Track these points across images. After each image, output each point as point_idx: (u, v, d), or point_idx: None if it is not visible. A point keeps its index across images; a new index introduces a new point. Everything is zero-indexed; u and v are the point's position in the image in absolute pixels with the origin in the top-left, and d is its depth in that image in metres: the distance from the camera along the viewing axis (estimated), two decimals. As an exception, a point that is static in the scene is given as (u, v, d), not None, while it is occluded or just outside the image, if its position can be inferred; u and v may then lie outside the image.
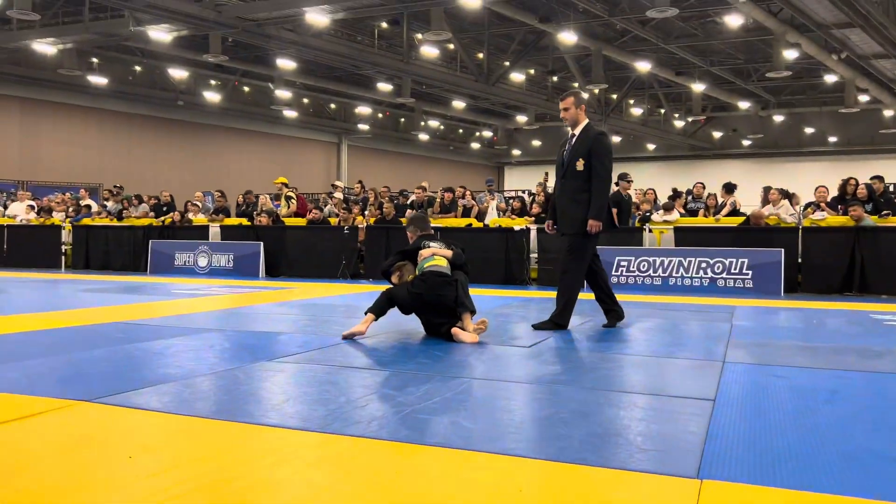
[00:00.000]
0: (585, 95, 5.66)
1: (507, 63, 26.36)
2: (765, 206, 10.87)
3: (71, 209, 15.56)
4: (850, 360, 4.36)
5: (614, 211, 6.38)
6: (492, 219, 12.58)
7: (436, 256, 5.15)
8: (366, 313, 5.05)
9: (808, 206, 10.88)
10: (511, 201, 14.01)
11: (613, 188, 10.74)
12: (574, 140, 5.60)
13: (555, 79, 30.21)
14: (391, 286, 5.21)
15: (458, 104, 33.85)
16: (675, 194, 12.62)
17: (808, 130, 37.50)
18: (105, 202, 15.96)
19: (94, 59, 25.96)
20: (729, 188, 11.54)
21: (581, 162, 5.47)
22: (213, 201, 15.04)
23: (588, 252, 5.58)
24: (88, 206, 15.55)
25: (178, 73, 27.35)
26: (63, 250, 14.57)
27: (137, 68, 27.67)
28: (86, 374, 3.70)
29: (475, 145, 43.76)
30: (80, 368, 3.88)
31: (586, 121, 5.65)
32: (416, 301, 5.03)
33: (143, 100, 28.03)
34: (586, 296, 5.94)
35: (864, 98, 29.65)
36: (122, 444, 2.52)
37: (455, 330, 4.87)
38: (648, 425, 2.82)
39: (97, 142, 27.32)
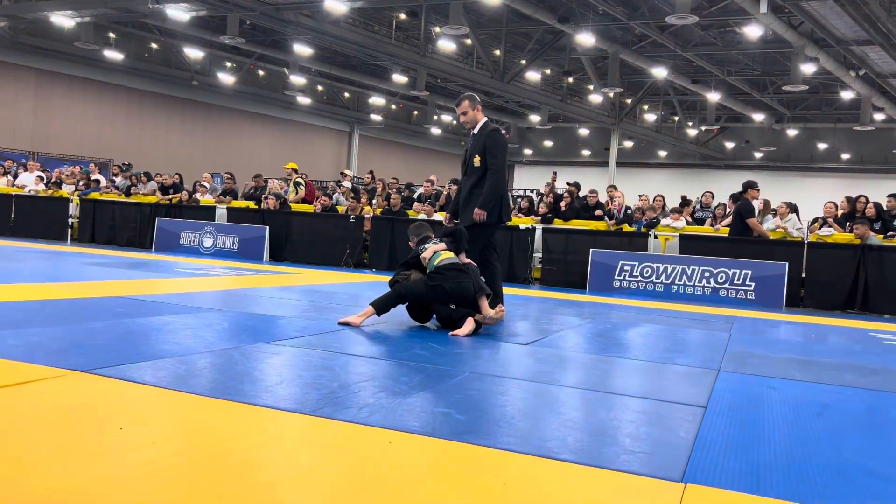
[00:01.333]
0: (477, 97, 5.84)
1: (524, 61, 26.33)
2: (763, 218, 10.83)
3: (81, 183, 15.63)
4: (845, 376, 4.35)
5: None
6: (498, 216, 12.57)
7: (439, 253, 5.17)
8: (370, 304, 5.07)
9: (815, 220, 10.84)
10: (519, 200, 13.99)
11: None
12: (472, 139, 5.82)
13: (570, 80, 30.15)
14: (401, 283, 5.18)
15: (472, 100, 33.78)
16: (685, 202, 12.59)
17: (821, 146, 37.36)
18: (114, 177, 16.02)
19: (111, 35, 26.05)
20: (736, 198, 11.49)
21: (478, 158, 5.69)
22: (222, 182, 15.08)
23: (487, 240, 5.78)
24: (97, 181, 15.61)
25: (193, 53, 27.42)
26: (70, 223, 14.64)
27: (154, 46, 27.76)
28: (84, 346, 3.73)
29: (487, 142, 43.67)
30: (78, 339, 3.90)
31: (484, 119, 5.88)
32: (437, 292, 5.03)
33: (158, 77, 28.11)
34: (579, 297, 5.93)
35: (879, 117, 29.52)
36: (114, 416, 2.55)
37: (452, 333, 4.90)
38: (638, 427, 2.82)
39: (110, 117, 27.42)
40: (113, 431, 2.35)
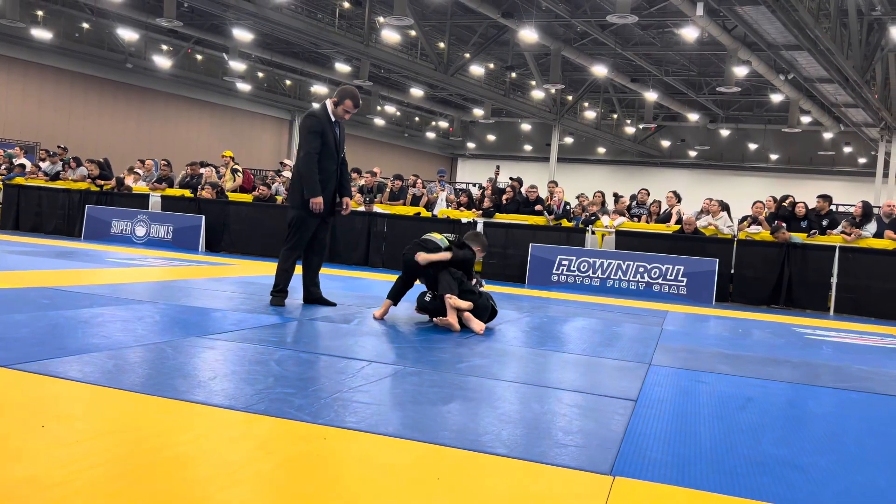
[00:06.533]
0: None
1: (468, 55, 26.39)
2: (702, 216, 11.17)
3: (3, 167, 14.92)
4: (768, 370, 4.54)
5: None
6: (440, 209, 12.61)
7: (433, 233, 5.43)
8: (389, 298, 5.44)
9: (744, 219, 11.23)
10: (460, 194, 14.03)
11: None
12: (340, 131, 5.96)
13: (513, 75, 30.40)
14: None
15: (416, 92, 33.74)
16: (617, 198, 12.85)
17: (752, 146, 38.76)
18: (40, 162, 15.34)
19: (39, 12, 24.89)
20: (679, 197, 11.79)
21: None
22: (158, 169, 14.61)
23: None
24: (22, 165, 14.92)
25: (128, 35, 26.44)
26: (-8, 209, 13.97)
27: (85, 25, 26.64)
28: (4, 339, 3.57)
29: (430, 135, 43.72)
30: (-2, 332, 3.73)
31: None
32: (404, 260, 5.31)
33: (89, 59, 27.00)
34: (518, 290, 6.00)
35: (806, 119, 30.79)
36: (36, 413, 2.45)
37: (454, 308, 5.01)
38: (570, 421, 2.89)
39: (36, 98, 26.19)
40: (34, 430, 2.26)
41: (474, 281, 5.39)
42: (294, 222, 5.79)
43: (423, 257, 5.10)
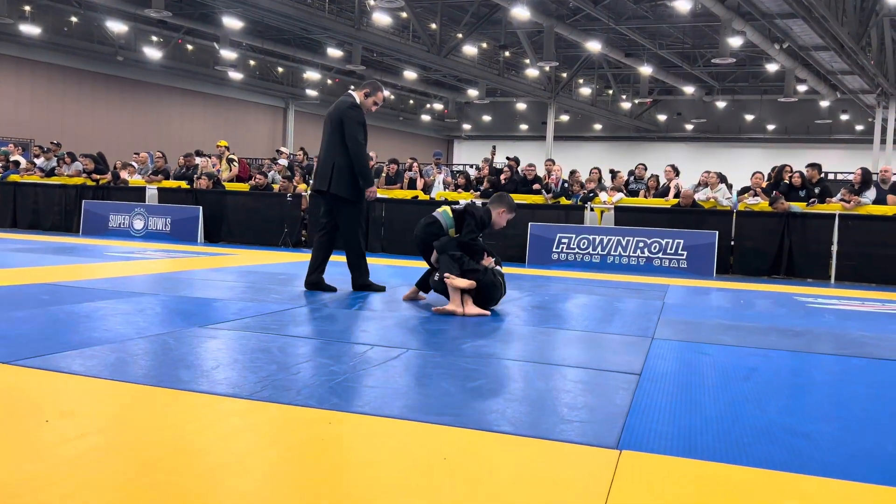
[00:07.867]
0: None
1: (460, 35, 26.20)
2: (700, 189, 11.14)
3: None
4: (771, 339, 4.54)
5: None
6: (438, 192, 12.57)
7: (442, 206, 5.52)
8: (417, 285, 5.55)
9: (743, 190, 11.20)
10: (457, 176, 13.99)
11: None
12: None
13: (507, 54, 30.19)
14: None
15: (410, 74, 33.52)
16: (613, 174, 12.81)
17: (749, 117, 38.60)
18: (35, 158, 15.28)
19: (27, 7, 24.67)
20: (677, 170, 11.75)
21: None
22: (152, 161, 14.56)
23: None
24: (17, 163, 14.85)
25: (117, 27, 26.23)
26: (-12, 207, 13.92)
27: (74, 19, 26.43)
28: (6, 336, 3.56)
29: (426, 117, 43.52)
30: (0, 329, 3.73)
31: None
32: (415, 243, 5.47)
33: (80, 53, 26.81)
34: (519, 270, 5.97)
35: (802, 88, 30.63)
36: (40, 408, 2.45)
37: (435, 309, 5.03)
38: (575, 397, 2.88)
39: (29, 95, 26.04)
40: (38, 425, 2.26)
41: (492, 261, 5.33)
42: (358, 213, 5.90)
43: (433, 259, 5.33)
